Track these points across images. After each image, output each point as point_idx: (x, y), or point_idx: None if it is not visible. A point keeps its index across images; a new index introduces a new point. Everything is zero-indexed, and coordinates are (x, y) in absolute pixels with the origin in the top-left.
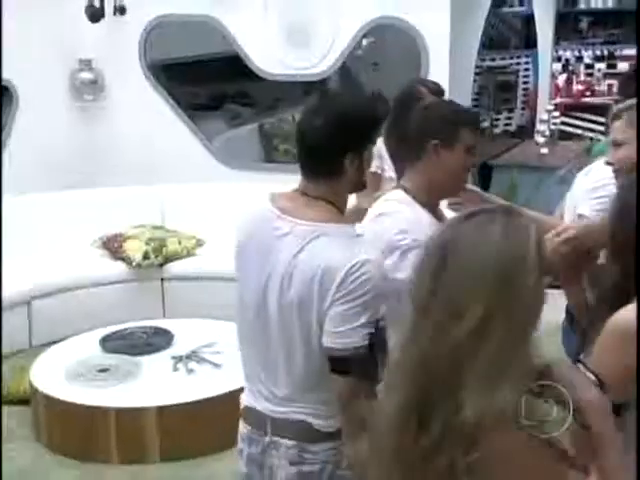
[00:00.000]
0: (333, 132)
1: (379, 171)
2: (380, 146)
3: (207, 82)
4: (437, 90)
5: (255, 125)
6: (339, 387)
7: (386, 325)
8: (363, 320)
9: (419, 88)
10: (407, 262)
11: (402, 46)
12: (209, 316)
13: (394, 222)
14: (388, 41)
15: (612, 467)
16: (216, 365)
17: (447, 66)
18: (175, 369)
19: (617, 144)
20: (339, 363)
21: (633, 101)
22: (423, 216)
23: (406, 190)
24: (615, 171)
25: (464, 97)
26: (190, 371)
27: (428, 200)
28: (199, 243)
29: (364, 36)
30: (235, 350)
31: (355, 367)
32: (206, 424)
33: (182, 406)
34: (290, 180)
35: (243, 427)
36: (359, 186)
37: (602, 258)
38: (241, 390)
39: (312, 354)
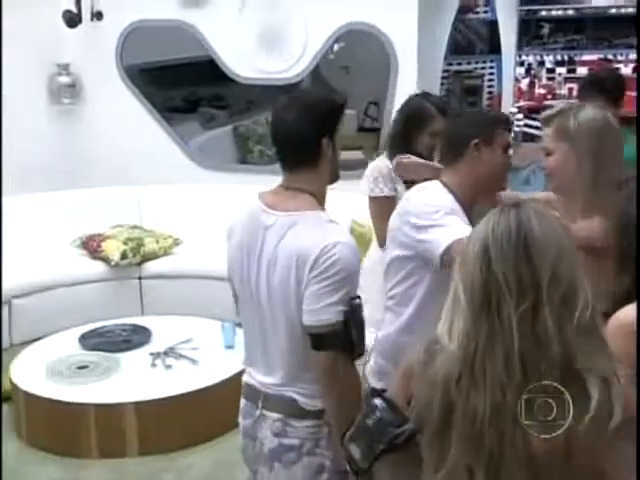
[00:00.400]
0: (306, 120)
1: (393, 193)
2: (381, 165)
3: (183, 85)
4: (441, 106)
5: (230, 127)
6: (318, 362)
7: (361, 302)
8: (336, 298)
9: (425, 104)
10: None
11: (372, 51)
12: (186, 313)
13: (435, 195)
14: (359, 46)
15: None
16: (193, 361)
17: (415, 70)
18: (153, 365)
19: (547, 153)
20: (316, 339)
21: (562, 106)
22: (457, 209)
23: (444, 184)
24: (547, 175)
25: None
26: (168, 367)
27: (464, 198)
28: (176, 242)
29: (335, 41)
30: (212, 346)
31: (331, 342)
32: (184, 418)
33: (160, 401)
34: (264, 181)
35: (242, 402)
36: (335, 174)
37: None
38: (218, 385)
39: (295, 334)
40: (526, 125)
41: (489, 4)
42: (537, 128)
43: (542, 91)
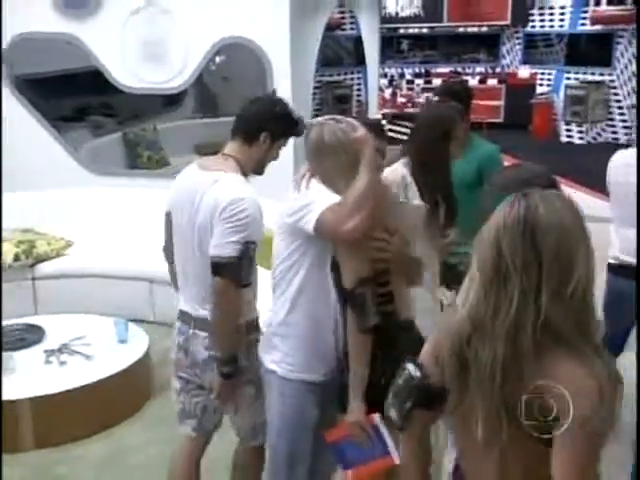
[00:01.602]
0: (261, 110)
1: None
2: (396, 173)
3: (72, 95)
4: (460, 111)
5: (119, 134)
6: (213, 286)
7: (255, 247)
8: (235, 238)
9: (451, 112)
10: None
11: (250, 62)
12: (79, 311)
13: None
14: (239, 58)
15: None
16: (87, 356)
17: (289, 81)
18: (47, 362)
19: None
20: (215, 267)
21: (323, 119)
22: None
23: None
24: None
25: (305, 108)
26: (62, 363)
27: None
28: (68, 244)
29: (216, 53)
30: (105, 342)
31: (226, 271)
32: (79, 412)
33: (55, 396)
34: (152, 185)
35: (177, 324)
36: (260, 166)
37: None
38: (111, 378)
39: (208, 265)
40: (390, 130)
41: (354, 22)
42: (400, 133)
43: (403, 100)
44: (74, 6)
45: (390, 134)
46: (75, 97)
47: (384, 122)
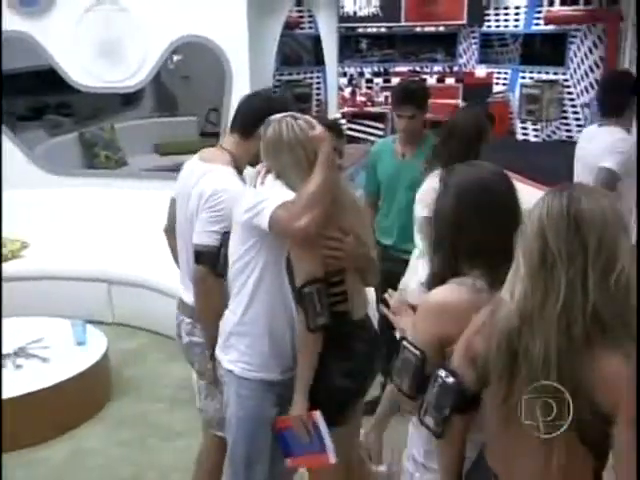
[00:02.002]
0: (257, 107)
1: None
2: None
3: (28, 94)
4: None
5: (75, 134)
6: (195, 273)
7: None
8: (215, 228)
9: (483, 116)
10: None
11: (210, 61)
12: (36, 314)
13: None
14: (198, 57)
15: None
16: (44, 359)
17: (248, 80)
18: (2, 366)
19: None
20: (196, 255)
21: (281, 116)
22: None
23: None
24: None
25: None
26: (18, 367)
27: None
28: (24, 245)
29: (174, 52)
30: (62, 344)
31: (206, 259)
32: (36, 415)
33: (11, 400)
34: (110, 185)
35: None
36: (256, 160)
37: None
38: (69, 381)
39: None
40: (349, 129)
41: (313, 21)
42: (360, 131)
43: (362, 99)
44: (28, 4)
45: (350, 133)
46: (31, 96)
47: (343, 121)
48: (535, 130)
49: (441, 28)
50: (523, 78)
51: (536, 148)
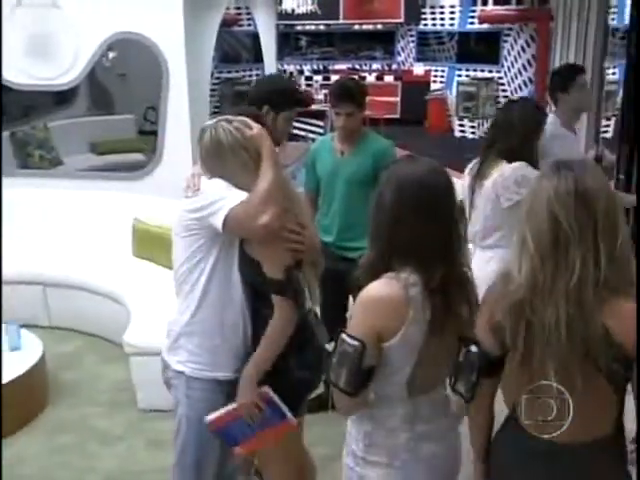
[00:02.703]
0: (262, 88)
1: None
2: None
3: None
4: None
5: (6, 133)
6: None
7: None
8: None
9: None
10: None
11: (147, 58)
12: None
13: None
14: (134, 54)
15: None
16: None
17: (185, 77)
18: None
19: None
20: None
21: (214, 121)
22: None
23: None
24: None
25: (203, 105)
26: None
27: None
28: None
29: (109, 49)
30: None
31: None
32: None
33: None
34: (45, 184)
35: None
36: (275, 140)
37: None
38: (3, 387)
39: None
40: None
41: (252, 18)
42: (300, 129)
43: None
44: None
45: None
46: None
47: None
48: (472, 127)
49: (379, 26)
50: (459, 76)
51: (473, 145)
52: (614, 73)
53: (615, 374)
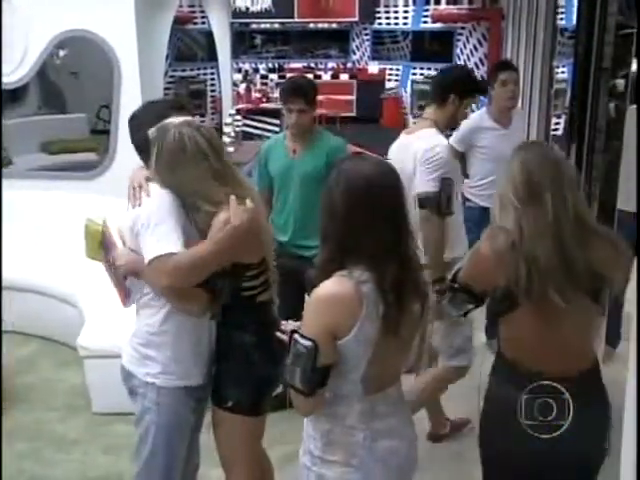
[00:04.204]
0: (447, 78)
1: None
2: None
3: None
4: None
5: None
6: (420, 215)
7: (452, 182)
8: (433, 176)
9: None
10: None
11: (99, 56)
12: None
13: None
14: (86, 52)
15: None
16: None
17: (138, 75)
18: None
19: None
20: (420, 202)
21: (174, 124)
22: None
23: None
24: None
25: None
26: None
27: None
28: None
29: (60, 47)
30: None
31: (429, 203)
32: None
33: None
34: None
35: None
36: (454, 122)
37: None
38: None
39: None
40: (245, 125)
41: (206, 16)
42: (256, 128)
43: (258, 95)
44: None
45: (245, 129)
46: None
47: (239, 117)
48: None
49: (334, 25)
50: (414, 74)
51: None
52: (563, 72)
53: (598, 292)
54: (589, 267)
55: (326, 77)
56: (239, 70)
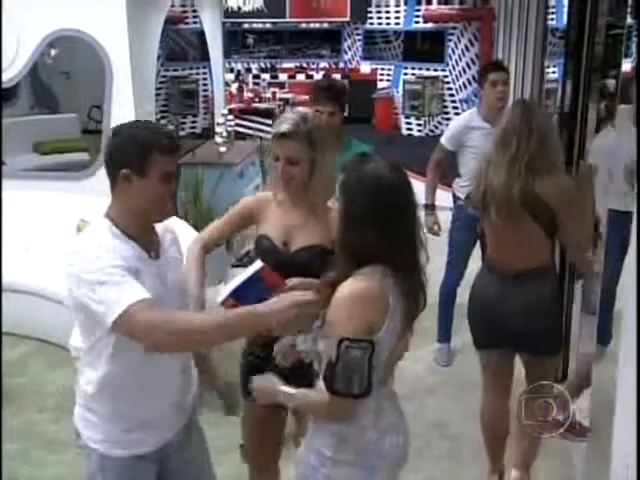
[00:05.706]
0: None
1: None
2: None
3: None
4: None
5: None
6: None
7: None
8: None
9: None
10: None
11: (91, 56)
12: None
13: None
14: (78, 51)
15: None
16: None
17: (129, 75)
18: None
19: (292, 162)
20: None
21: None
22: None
23: (111, 218)
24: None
25: (149, 103)
26: None
27: (129, 230)
28: None
29: (51, 47)
30: None
31: None
32: None
33: None
34: None
35: None
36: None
37: None
38: None
39: None
40: (237, 125)
41: (198, 16)
42: (248, 127)
43: (250, 95)
44: None
45: (238, 129)
46: None
47: (231, 117)
48: (419, 125)
49: (325, 25)
50: (405, 74)
51: (420, 142)
52: (554, 72)
53: (543, 220)
54: (530, 192)
55: (318, 77)
56: (231, 70)
